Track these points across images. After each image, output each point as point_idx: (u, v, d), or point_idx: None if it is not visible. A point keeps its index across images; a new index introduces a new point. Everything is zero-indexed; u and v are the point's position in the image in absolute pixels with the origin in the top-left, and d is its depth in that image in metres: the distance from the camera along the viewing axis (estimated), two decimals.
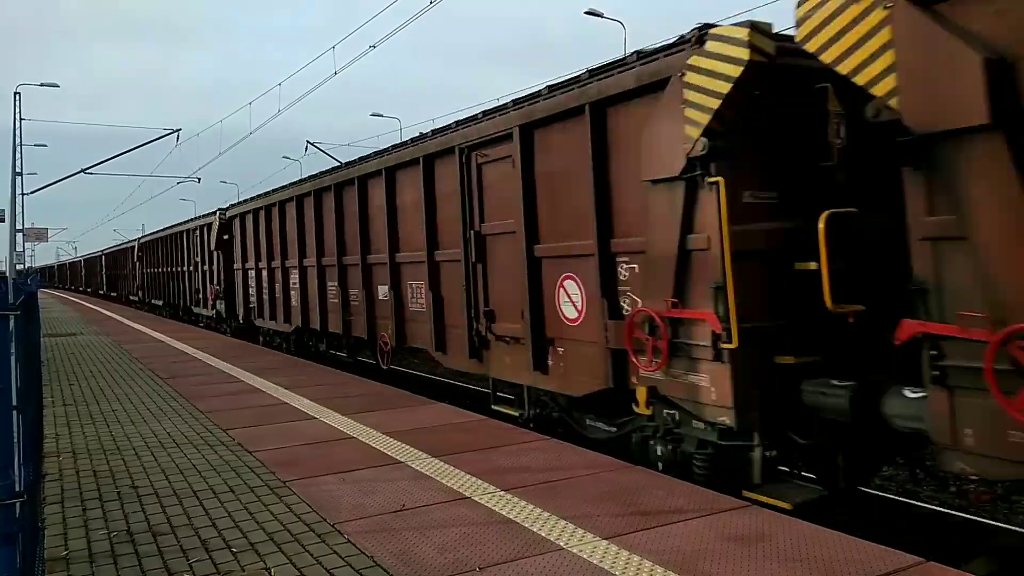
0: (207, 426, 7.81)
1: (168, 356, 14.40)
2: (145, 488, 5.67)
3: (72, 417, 8.53)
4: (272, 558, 4.25)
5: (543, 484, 5.39)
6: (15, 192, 33.55)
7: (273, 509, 5.09)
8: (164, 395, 9.85)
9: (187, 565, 4.19)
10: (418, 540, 4.40)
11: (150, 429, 7.75)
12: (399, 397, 9.22)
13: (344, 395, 9.33)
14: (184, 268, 25.78)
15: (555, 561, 4.04)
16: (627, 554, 4.09)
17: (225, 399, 9.41)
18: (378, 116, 65.40)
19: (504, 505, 4.97)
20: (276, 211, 15.74)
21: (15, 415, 3.06)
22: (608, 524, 4.55)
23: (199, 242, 23.09)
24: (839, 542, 4.19)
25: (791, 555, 4.02)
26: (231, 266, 19.57)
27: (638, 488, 5.23)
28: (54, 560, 4.32)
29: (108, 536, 4.67)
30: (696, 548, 4.15)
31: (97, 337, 19.20)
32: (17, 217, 34.21)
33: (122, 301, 41.34)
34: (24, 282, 5.44)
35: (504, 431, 7.18)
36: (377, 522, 4.74)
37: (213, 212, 20.89)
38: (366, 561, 4.14)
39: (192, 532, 4.70)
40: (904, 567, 3.84)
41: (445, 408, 8.42)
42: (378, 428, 7.35)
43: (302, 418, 8.05)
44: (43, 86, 38.40)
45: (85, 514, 5.11)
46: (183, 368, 12.53)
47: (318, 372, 11.76)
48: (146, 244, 34.13)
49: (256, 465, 6.22)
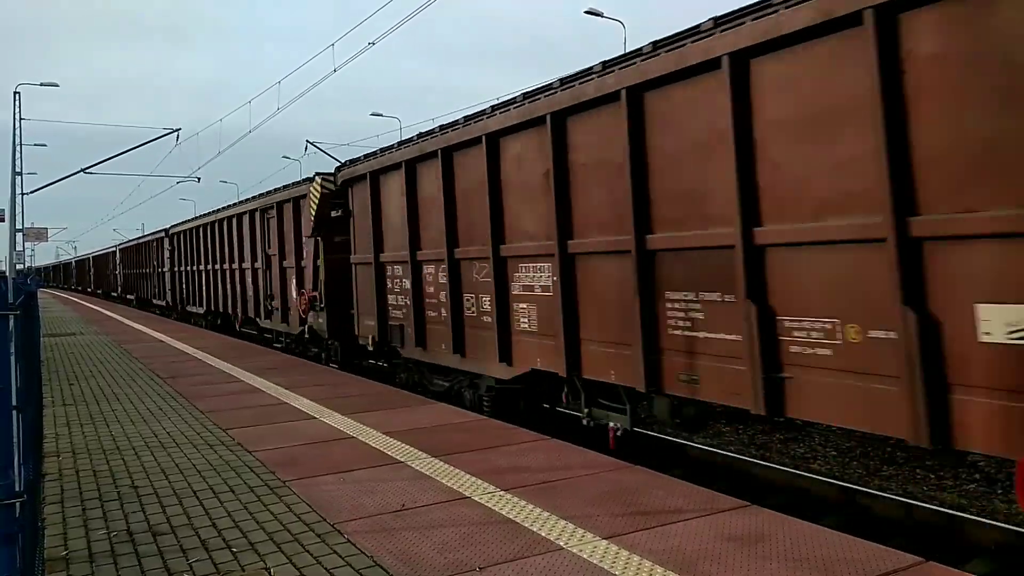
0: (207, 426, 7.81)
1: (168, 356, 14.40)
2: (145, 488, 5.67)
3: (72, 417, 8.53)
4: (272, 558, 4.25)
5: (543, 484, 5.39)
6: (15, 192, 33.58)
7: (273, 509, 5.09)
8: (164, 395, 9.85)
9: (187, 565, 4.19)
10: (418, 540, 4.40)
11: (150, 429, 7.75)
12: (399, 397, 9.23)
13: (344, 395, 9.34)
14: (243, 264, 19.11)
15: (555, 561, 4.04)
16: (627, 554, 4.09)
17: (225, 399, 9.41)
18: (378, 115, 65.28)
19: (504, 505, 4.97)
20: (437, 167, 9.52)
21: (15, 415, 3.05)
22: (608, 524, 4.55)
23: (273, 227, 16.58)
24: (839, 542, 4.19)
25: (791, 555, 4.02)
26: (339, 258, 12.95)
27: (638, 488, 5.23)
28: (54, 560, 4.31)
29: (108, 536, 4.67)
30: (696, 548, 4.15)
31: (97, 337, 19.20)
32: (17, 217, 34.23)
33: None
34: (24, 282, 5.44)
35: (504, 431, 7.18)
36: (377, 522, 4.74)
37: (308, 178, 14.25)
38: (366, 561, 4.14)
39: (192, 532, 4.70)
40: (904, 567, 3.84)
41: (445, 408, 8.42)
42: (378, 428, 7.36)
43: (302, 418, 8.05)
44: (43, 86, 38.47)
45: (85, 514, 5.11)
46: (183, 368, 12.53)
47: (318, 372, 11.76)
48: (181, 235, 26.87)
49: (256, 465, 6.22)
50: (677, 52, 6.10)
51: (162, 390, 10.25)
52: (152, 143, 27.74)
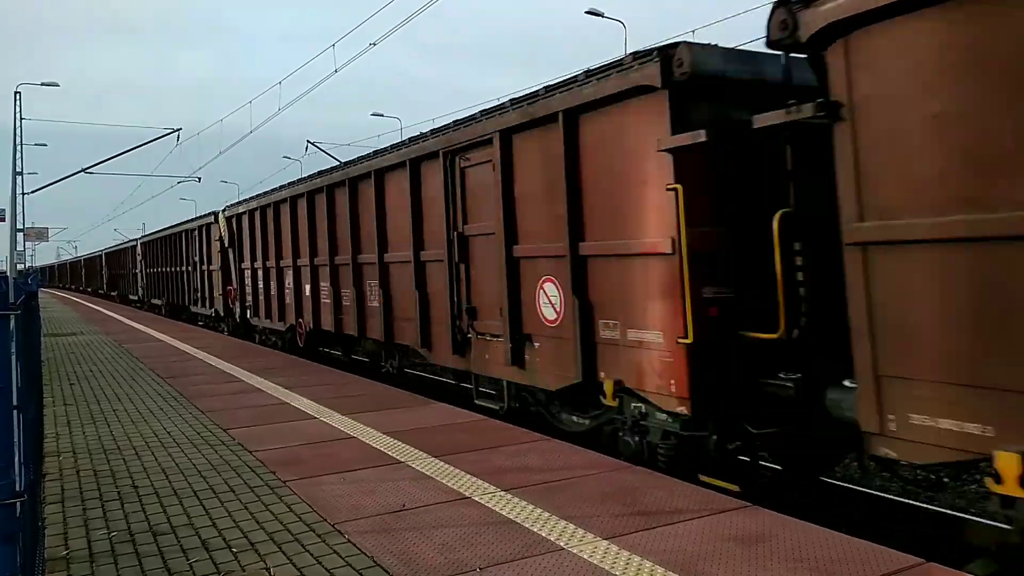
0: (207, 426, 7.81)
1: (168, 356, 14.40)
2: (145, 488, 5.67)
3: (72, 417, 8.53)
4: (272, 558, 4.25)
5: (543, 484, 5.39)
6: (15, 191, 33.60)
7: (273, 509, 5.09)
8: (164, 394, 9.85)
9: (187, 565, 4.19)
10: (418, 540, 4.40)
11: (150, 429, 7.75)
12: (399, 397, 9.22)
13: (344, 395, 9.34)
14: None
15: (555, 561, 4.04)
16: (627, 554, 4.09)
17: (225, 399, 9.41)
18: (378, 116, 65.26)
19: (504, 505, 4.97)
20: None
21: (15, 415, 3.05)
22: (608, 524, 4.55)
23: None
24: (839, 542, 4.19)
25: (791, 555, 4.02)
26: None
27: (638, 488, 5.23)
28: (54, 560, 4.31)
29: (108, 536, 4.67)
30: (697, 548, 4.15)
31: (97, 336, 19.20)
32: (17, 216, 34.25)
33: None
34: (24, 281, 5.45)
35: (504, 431, 7.18)
36: (377, 522, 4.74)
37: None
38: (366, 561, 4.14)
39: (192, 532, 4.70)
40: (904, 567, 3.84)
41: (445, 408, 8.42)
42: (378, 428, 7.36)
43: (302, 418, 8.05)
44: (43, 85, 38.45)
45: (85, 514, 5.11)
46: (183, 368, 12.53)
47: (318, 372, 11.76)
48: (250, 216, 17.23)
49: (256, 465, 6.22)
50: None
51: (162, 389, 10.25)
52: (153, 143, 27.75)
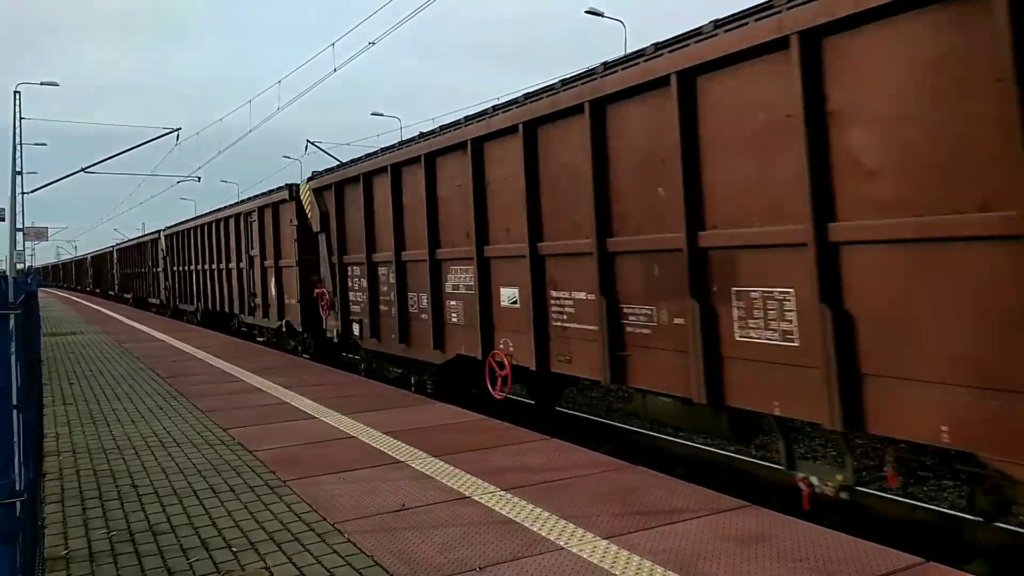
0: (207, 425, 7.81)
1: (168, 355, 14.40)
2: (145, 487, 5.67)
3: (72, 416, 8.53)
4: (272, 557, 4.25)
5: (543, 484, 5.39)
6: (15, 191, 33.62)
7: (273, 508, 5.09)
8: (164, 394, 9.85)
9: (187, 564, 4.19)
10: (418, 540, 4.40)
11: (150, 428, 7.76)
12: (399, 397, 9.23)
13: (344, 395, 9.34)
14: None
15: (555, 561, 4.04)
16: (627, 554, 4.09)
17: (225, 398, 9.41)
18: (378, 115, 65.25)
19: (504, 505, 4.97)
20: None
21: (15, 414, 3.05)
22: (608, 524, 4.55)
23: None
24: (839, 542, 4.19)
25: (791, 555, 4.02)
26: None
27: (638, 488, 5.23)
28: (54, 559, 4.31)
29: (108, 535, 4.67)
30: (696, 548, 4.15)
31: (97, 336, 19.20)
32: (17, 216, 34.26)
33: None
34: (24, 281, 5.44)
35: (504, 431, 7.18)
36: (377, 522, 4.74)
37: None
38: (366, 561, 4.14)
39: (192, 531, 4.70)
40: (904, 567, 3.84)
41: (445, 408, 8.42)
42: (378, 428, 7.36)
43: (302, 417, 8.05)
44: (43, 85, 38.47)
45: (85, 513, 5.11)
46: (183, 367, 12.53)
47: (318, 372, 11.76)
48: (367, 181, 11.36)
49: (256, 464, 6.22)
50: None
51: (162, 389, 10.25)
52: (152, 143, 27.73)
